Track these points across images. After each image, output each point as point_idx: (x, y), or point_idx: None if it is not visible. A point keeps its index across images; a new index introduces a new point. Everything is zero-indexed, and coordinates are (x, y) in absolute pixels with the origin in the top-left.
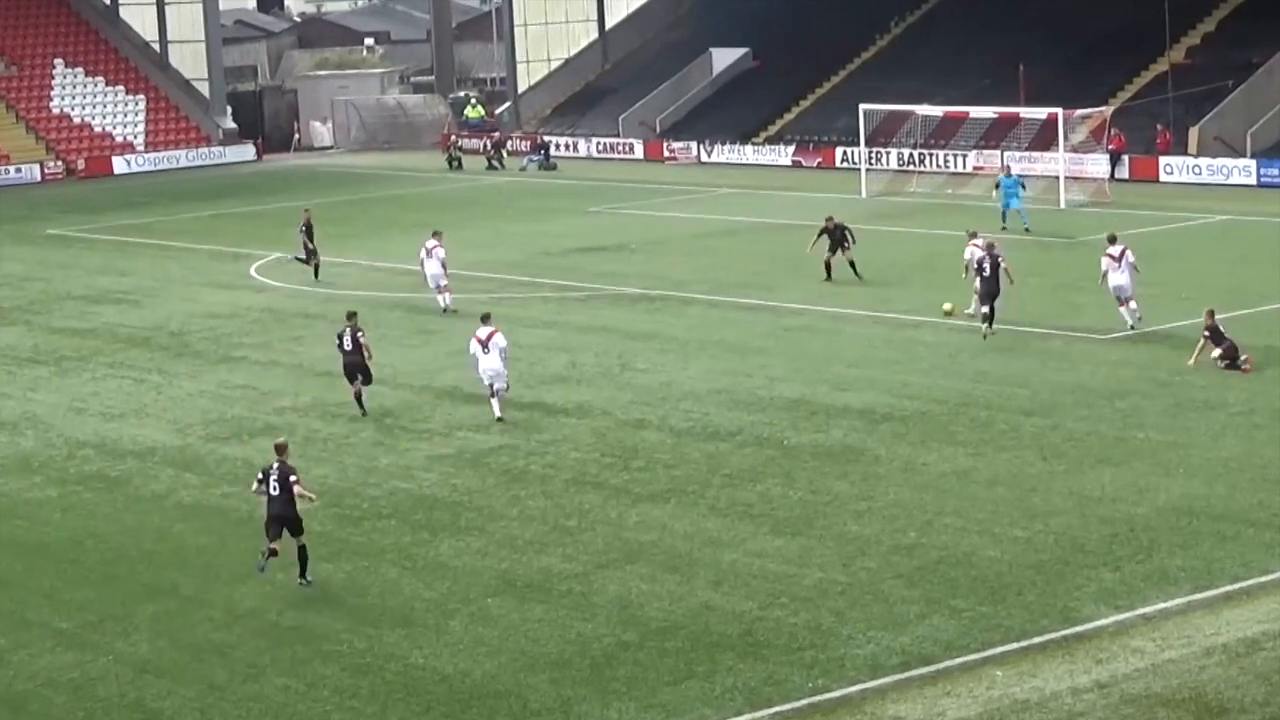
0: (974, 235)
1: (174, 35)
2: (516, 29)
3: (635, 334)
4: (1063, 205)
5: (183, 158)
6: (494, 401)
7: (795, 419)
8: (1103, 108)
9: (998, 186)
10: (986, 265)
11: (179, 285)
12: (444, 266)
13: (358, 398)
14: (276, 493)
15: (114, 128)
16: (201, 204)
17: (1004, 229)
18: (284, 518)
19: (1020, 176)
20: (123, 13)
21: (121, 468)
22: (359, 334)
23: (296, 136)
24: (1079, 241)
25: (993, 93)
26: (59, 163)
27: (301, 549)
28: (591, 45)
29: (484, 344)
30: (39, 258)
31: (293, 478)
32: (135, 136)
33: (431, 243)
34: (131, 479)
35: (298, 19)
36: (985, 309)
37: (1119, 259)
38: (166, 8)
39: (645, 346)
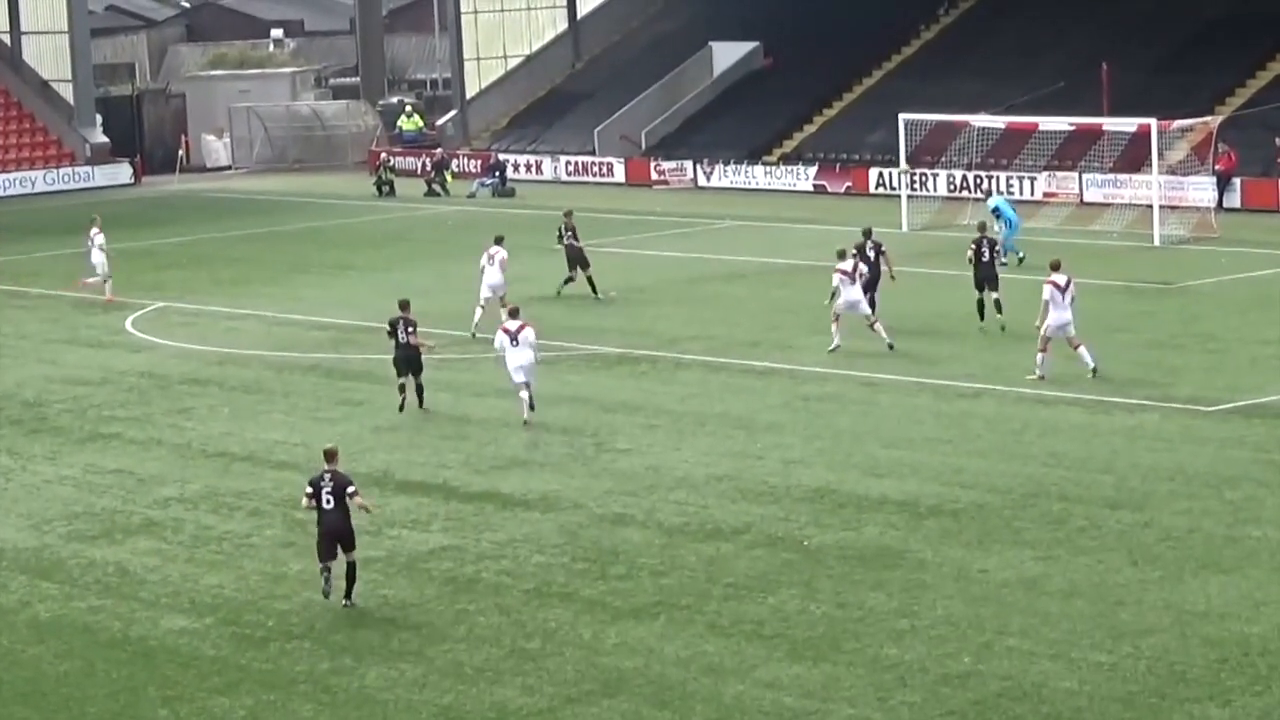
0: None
1: (29, 24)
2: (464, 18)
3: (614, 405)
4: (1157, 241)
5: (39, 180)
6: (524, 400)
7: (818, 513)
8: (1208, 118)
9: (997, 215)
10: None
11: (34, 343)
12: (504, 275)
13: (402, 389)
14: (330, 506)
15: None
16: (63, 239)
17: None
18: (339, 533)
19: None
20: None
21: None
22: (410, 329)
23: (184, 154)
24: (1179, 288)
25: (1068, 99)
26: None
27: (351, 567)
28: (559, 39)
29: (513, 337)
30: None
31: (350, 488)
32: None
33: (495, 249)
34: None
35: (186, 4)
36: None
37: (1064, 290)
38: None
39: (627, 421)
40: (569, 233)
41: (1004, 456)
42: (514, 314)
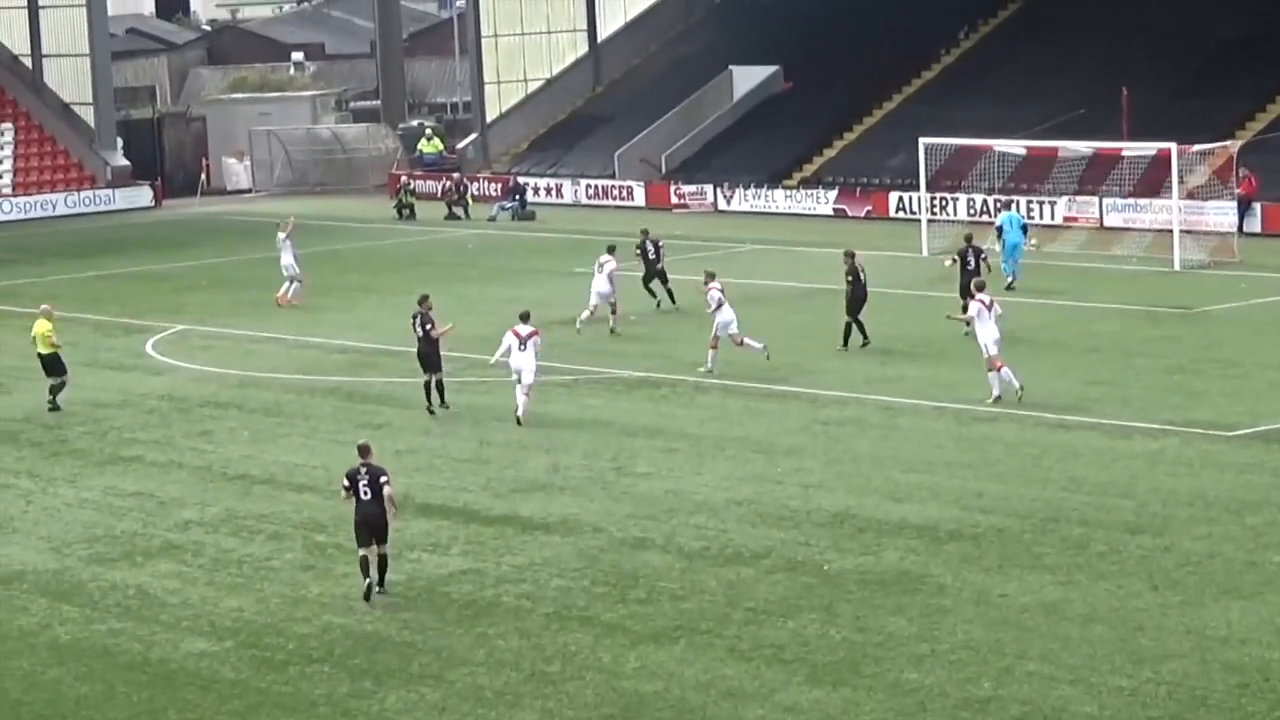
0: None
1: (50, 47)
2: (484, 41)
3: (634, 429)
4: (1177, 266)
5: (60, 203)
6: (520, 398)
7: (838, 537)
8: (1228, 142)
9: (1000, 233)
10: (972, 259)
11: None
12: (613, 284)
13: (428, 388)
14: (368, 497)
15: None
16: (84, 262)
17: (1006, 285)
18: (375, 524)
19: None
20: None
21: None
22: (429, 324)
23: (205, 177)
24: (1199, 312)
25: (1088, 123)
26: None
27: (383, 558)
28: (580, 62)
29: (522, 341)
30: None
31: (384, 478)
32: (1, 176)
33: (605, 258)
34: None
35: (207, 28)
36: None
37: (990, 307)
38: (41, 12)
39: (647, 445)
40: (650, 249)
41: (1024, 481)
42: (525, 318)
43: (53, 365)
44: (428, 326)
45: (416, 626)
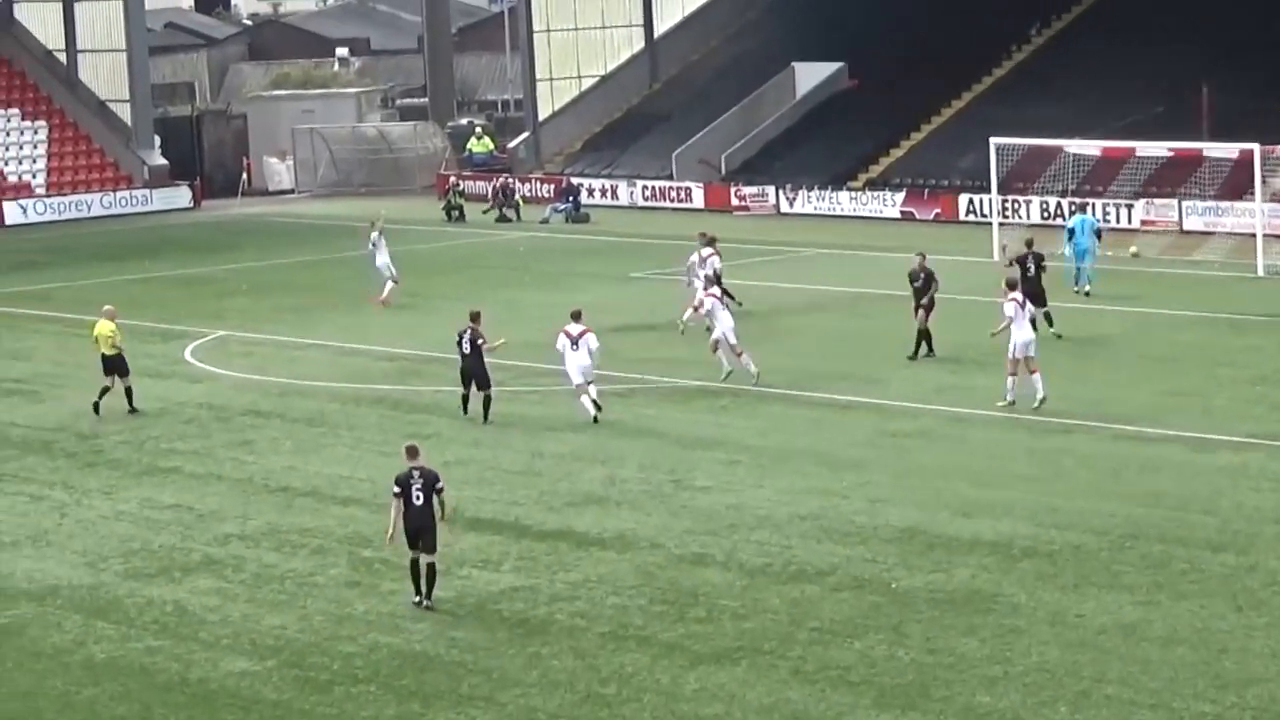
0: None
1: (85, 43)
2: (536, 36)
3: (693, 440)
4: (1261, 271)
5: (95, 204)
6: (585, 400)
7: (906, 554)
8: None
9: (1070, 236)
10: (1031, 265)
11: (90, 372)
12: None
13: (466, 401)
14: (420, 502)
15: (4, 164)
16: (120, 265)
17: (1083, 292)
18: (425, 531)
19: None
20: (18, 12)
21: (12, 613)
22: (480, 339)
23: (246, 177)
24: None
25: (1166, 123)
26: None
27: (431, 569)
28: (636, 58)
29: (574, 341)
30: None
31: (439, 484)
32: (33, 175)
33: (707, 250)
34: (26, 628)
35: (248, 22)
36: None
37: (1024, 306)
38: (76, 6)
39: (706, 457)
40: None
41: (1101, 496)
42: (577, 317)
43: (116, 366)
44: (479, 342)
45: (466, 646)
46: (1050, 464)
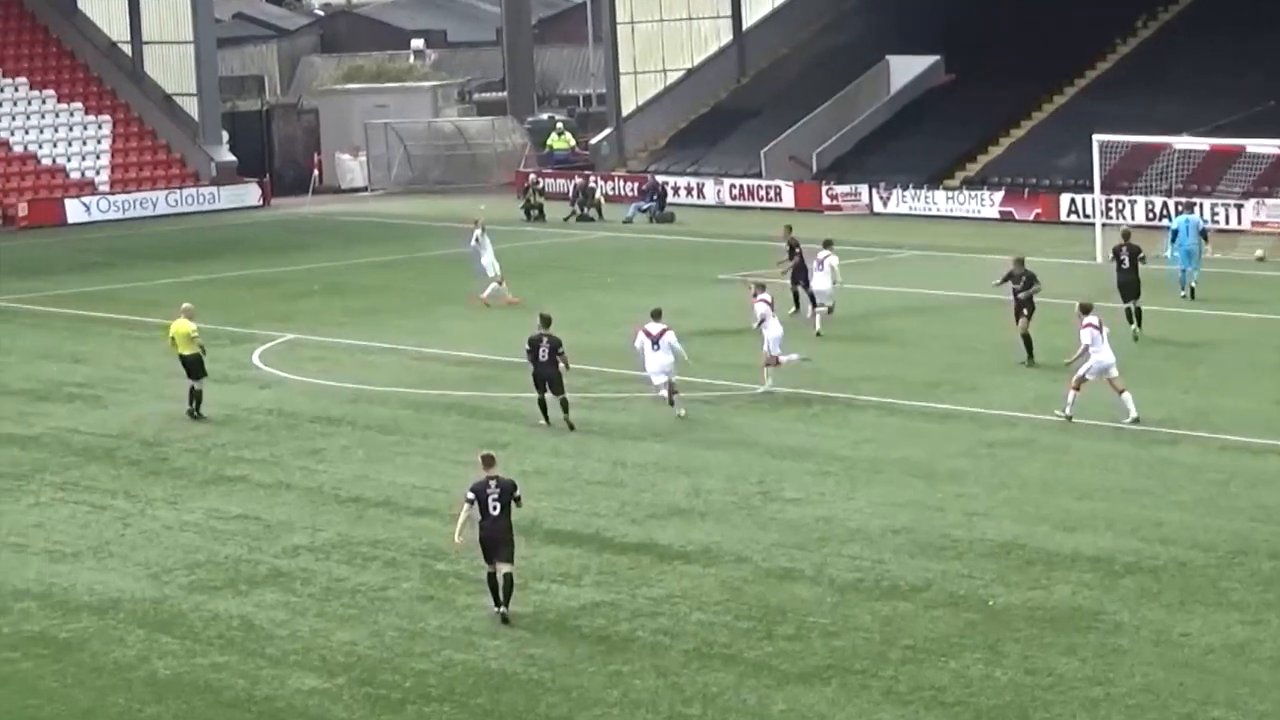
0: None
1: (151, 34)
2: (620, 28)
3: (782, 450)
4: None
5: (161, 202)
6: (667, 396)
7: (1004, 570)
8: None
9: (1174, 238)
10: (1126, 257)
11: (154, 377)
12: (835, 281)
13: (545, 404)
14: (497, 513)
15: (67, 160)
16: (186, 266)
17: (1188, 295)
18: (502, 542)
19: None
20: (81, 2)
21: (74, 627)
22: (559, 348)
23: (317, 174)
24: None
25: (1278, 119)
26: None
27: (509, 578)
28: (723, 51)
29: (655, 340)
30: None
31: (517, 492)
32: (97, 172)
33: (824, 253)
34: (88, 642)
35: (320, 12)
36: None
37: (1101, 328)
38: None
39: (796, 467)
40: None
41: (1208, 509)
42: (656, 316)
43: (194, 367)
44: (560, 351)
45: (544, 663)
46: (1155, 476)
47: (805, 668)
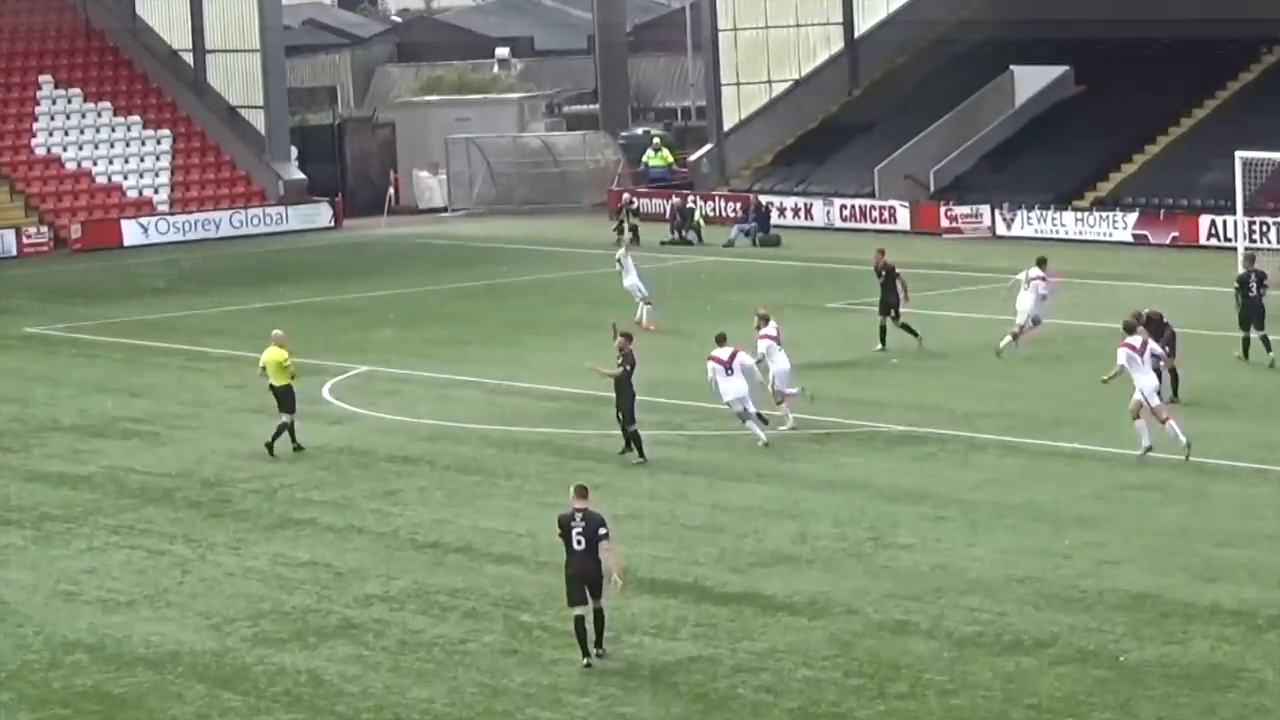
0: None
1: (214, 43)
2: (722, 36)
3: (896, 493)
4: None
5: (225, 222)
6: (753, 426)
7: (1137, 623)
8: None
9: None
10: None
11: (217, 412)
12: (1042, 299)
13: (633, 439)
14: (581, 547)
15: (124, 177)
16: (251, 291)
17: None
18: (589, 578)
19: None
20: (140, 9)
21: (128, 682)
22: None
23: (393, 193)
24: None
25: None
26: (44, 228)
27: (599, 614)
28: (834, 61)
29: (726, 366)
30: (12, 368)
31: (603, 530)
32: (156, 190)
33: (1032, 269)
34: (144, 698)
35: (396, 19)
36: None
37: (1143, 350)
38: (205, 1)
39: (911, 511)
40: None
41: None
42: (721, 340)
43: (286, 399)
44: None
45: None
46: None
47: None
